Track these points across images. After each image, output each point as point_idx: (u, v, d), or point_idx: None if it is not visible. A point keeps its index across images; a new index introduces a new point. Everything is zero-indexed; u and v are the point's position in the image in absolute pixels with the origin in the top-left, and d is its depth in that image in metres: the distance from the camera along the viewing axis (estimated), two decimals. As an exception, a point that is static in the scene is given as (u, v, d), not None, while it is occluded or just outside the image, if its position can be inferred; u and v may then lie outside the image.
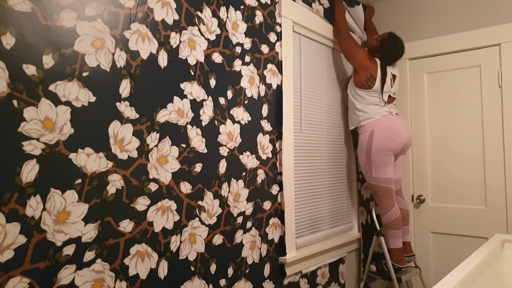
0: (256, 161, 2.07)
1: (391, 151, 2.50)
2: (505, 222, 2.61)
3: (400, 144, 2.51)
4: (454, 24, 2.82)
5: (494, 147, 2.66)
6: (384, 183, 2.53)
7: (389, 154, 2.50)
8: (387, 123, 2.50)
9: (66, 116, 1.32)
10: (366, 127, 2.56)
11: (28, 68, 1.23)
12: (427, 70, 2.95)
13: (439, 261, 2.87)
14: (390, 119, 2.52)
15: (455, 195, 2.82)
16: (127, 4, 1.51)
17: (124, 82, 1.49)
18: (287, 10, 2.29)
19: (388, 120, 2.52)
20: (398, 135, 2.49)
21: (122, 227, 1.46)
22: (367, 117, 2.56)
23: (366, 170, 2.57)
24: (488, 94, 2.69)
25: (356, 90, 2.59)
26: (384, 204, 2.58)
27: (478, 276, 1.45)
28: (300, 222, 2.39)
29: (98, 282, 1.38)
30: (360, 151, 2.59)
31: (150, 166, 1.56)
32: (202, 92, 1.80)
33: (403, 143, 2.52)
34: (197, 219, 1.75)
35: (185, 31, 1.73)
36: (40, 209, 1.24)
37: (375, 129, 2.51)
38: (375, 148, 2.50)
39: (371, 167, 2.54)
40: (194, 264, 1.72)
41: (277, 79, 2.24)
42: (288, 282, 2.26)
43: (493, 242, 1.79)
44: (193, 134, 1.74)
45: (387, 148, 2.49)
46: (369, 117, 2.55)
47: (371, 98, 2.55)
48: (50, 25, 1.29)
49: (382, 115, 2.53)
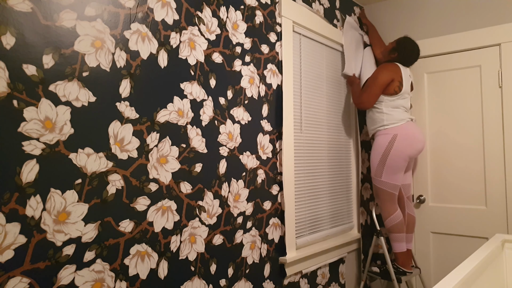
0: (256, 161, 2.07)
1: (409, 157, 2.54)
2: (505, 222, 2.61)
3: (418, 151, 2.57)
4: (454, 24, 2.82)
5: (494, 147, 2.66)
6: (390, 188, 2.55)
7: (406, 160, 2.53)
8: (410, 129, 2.54)
9: (66, 116, 1.32)
10: (389, 130, 2.56)
11: (28, 68, 1.23)
12: (427, 70, 2.94)
13: (439, 261, 2.87)
14: (411, 125, 2.57)
15: (455, 195, 2.81)
16: (127, 4, 1.51)
17: (124, 82, 1.49)
18: (287, 10, 2.29)
19: (410, 126, 2.56)
20: (419, 141, 2.54)
21: (122, 227, 1.46)
22: (392, 120, 2.56)
23: (376, 172, 2.58)
24: (488, 94, 2.69)
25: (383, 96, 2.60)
26: (386, 208, 2.58)
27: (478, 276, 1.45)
28: (300, 222, 2.39)
29: (98, 282, 1.38)
30: (375, 153, 2.59)
31: (150, 166, 1.56)
32: (202, 92, 1.79)
33: (421, 149, 2.58)
34: (197, 219, 1.75)
35: (185, 31, 1.73)
36: (40, 209, 1.24)
37: (399, 133, 2.52)
38: (395, 151, 2.51)
39: (382, 170, 2.55)
40: (194, 264, 1.72)
41: (277, 79, 2.24)
42: (288, 282, 2.26)
43: (493, 242, 1.79)
44: (193, 134, 1.74)
45: (406, 154, 2.52)
46: (394, 120, 2.56)
47: (397, 101, 2.58)
48: (50, 25, 1.29)
49: (406, 121, 2.56)
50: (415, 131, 2.55)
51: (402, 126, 2.54)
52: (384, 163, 2.54)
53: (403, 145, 2.51)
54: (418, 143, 2.54)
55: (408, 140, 2.51)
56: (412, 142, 2.52)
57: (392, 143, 2.52)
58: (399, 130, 2.53)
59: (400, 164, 2.52)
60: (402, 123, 2.55)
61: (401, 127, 2.54)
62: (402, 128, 2.54)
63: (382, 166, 2.55)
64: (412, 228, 2.72)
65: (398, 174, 2.54)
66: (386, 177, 2.55)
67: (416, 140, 2.53)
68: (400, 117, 2.56)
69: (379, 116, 2.61)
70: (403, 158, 2.52)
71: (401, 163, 2.52)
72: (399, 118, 2.56)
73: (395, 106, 2.58)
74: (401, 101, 2.58)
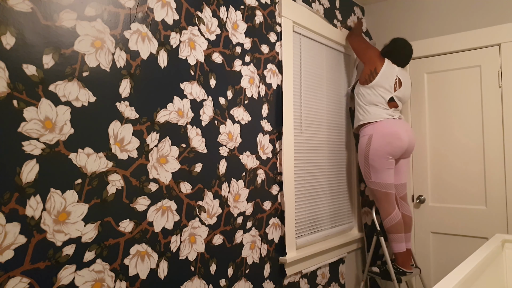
0: (256, 161, 2.07)
1: (390, 154, 2.48)
2: (505, 222, 2.61)
3: (400, 148, 2.48)
4: (454, 24, 2.82)
5: (494, 147, 2.66)
6: (383, 188, 2.53)
7: (387, 158, 2.48)
8: (387, 127, 2.49)
9: (66, 116, 1.32)
10: (366, 130, 2.55)
11: (28, 68, 1.23)
12: (427, 70, 2.94)
13: (439, 261, 2.87)
14: (390, 123, 2.50)
15: (455, 195, 2.81)
16: (127, 4, 1.51)
17: (124, 82, 1.49)
18: (287, 10, 2.29)
19: (387, 123, 2.50)
20: (398, 138, 2.46)
21: (122, 227, 1.46)
22: (367, 118, 2.55)
23: (365, 174, 2.58)
24: (488, 94, 2.69)
25: (360, 88, 2.60)
26: (384, 208, 2.57)
27: (478, 276, 1.45)
28: (300, 222, 2.39)
29: (98, 282, 1.38)
30: (359, 155, 2.59)
31: (150, 166, 1.56)
32: (202, 92, 1.79)
33: (404, 147, 2.49)
34: (197, 219, 1.75)
35: (185, 31, 1.73)
36: (40, 209, 1.24)
37: (374, 133, 2.50)
38: (373, 151, 2.49)
39: (369, 171, 2.54)
40: (194, 264, 1.72)
41: (277, 79, 2.24)
42: (288, 282, 2.26)
43: (493, 242, 1.79)
44: (193, 134, 1.74)
45: (385, 152, 2.47)
46: (369, 118, 2.54)
47: (372, 96, 2.54)
48: (50, 25, 1.29)
49: (383, 118, 2.52)
50: (395, 129, 2.48)
51: (378, 124, 2.51)
52: (369, 164, 2.52)
53: (379, 144, 2.47)
54: (396, 140, 2.46)
55: (385, 139, 2.46)
56: (390, 141, 2.46)
57: (369, 144, 2.50)
58: (375, 129, 2.50)
59: (382, 162, 2.48)
60: (379, 120, 2.52)
61: (377, 125, 2.51)
62: (378, 127, 2.50)
63: (368, 167, 2.54)
64: (409, 228, 2.71)
65: (386, 173, 2.50)
66: (375, 177, 2.53)
67: (395, 138, 2.46)
68: (377, 114, 2.53)
69: (359, 113, 2.61)
70: (383, 156, 2.47)
71: (383, 161, 2.48)
72: (374, 114, 2.53)
73: (370, 102, 2.54)
74: (376, 98, 2.53)
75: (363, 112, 2.57)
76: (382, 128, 2.49)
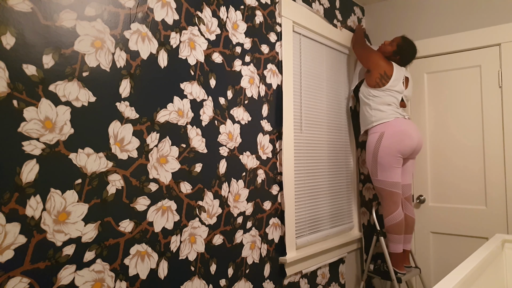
0: (256, 161, 2.07)
1: (400, 153, 2.50)
2: (505, 222, 2.61)
3: (410, 147, 2.51)
4: (454, 24, 2.82)
5: (494, 147, 2.66)
6: (389, 186, 2.53)
7: (397, 156, 2.50)
8: (398, 125, 2.51)
9: (66, 116, 1.32)
10: (377, 128, 2.56)
11: (28, 68, 1.23)
12: (427, 70, 2.94)
13: (439, 261, 2.87)
14: (401, 122, 2.53)
15: (455, 195, 2.81)
16: (127, 4, 1.51)
17: (124, 82, 1.49)
18: (287, 10, 2.29)
19: (399, 122, 2.53)
20: (409, 137, 2.49)
21: (122, 227, 1.46)
22: (379, 118, 2.56)
23: (372, 171, 2.58)
24: (488, 94, 2.69)
25: (370, 90, 2.60)
26: (387, 206, 2.57)
27: (478, 276, 1.45)
28: (300, 222, 2.39)
29: (98, 282, 1.38)
30: (367, 152, 2.59)
31: (150, 166, 1.56)
32: (202, 92, 1.79)
33: (413, 146, 2.52)
34: (197, 219, 1.75)
35: (185, 31, 1.73)
36: (40, 209, 1.24)
37: (386, 130, 2.51)
38: (382, 149, 2.50)
39: (377, 169, 2.54)
40: (194, 264, 1.72)
41: (277, 79, 2.24)
42: (288, 282, 2.26)
43: (493, 242, 1.79)
44: (193, 134, 1.74)
45: (395, 150, 2.49)
46: (381, 117, 2.55)
47: (385, 97, 2.56)
48: (50, 25, 1.29)
49: (394, 117, 2.54)
50: (406, 128, 2.51)
51: (390, 123, 2.52)
52: (376, 162, 2.53)
53: (391, 142, 2.49)
54: (407, 139, 2.49)
55: (396, 137, 2.48)
56: (402, 139, 2.48)
57: (380, 141, 2.51)
58: (387, 127, 2.52)
59: (391, 161, 2.50)
60: (391, 119, 2.53)
61: (389, 124, 2.52)
62: (390, 125, 2.52)
63: (376, 165, 2.54)
64: (411, 230, 2.71)
65: (393, 171, 2.51)
66: (381, 175, 2.53)
67: (406, 136, 2.49)
68: (388, 114, 2.55)
69: (368, 113, 2.62)
70: (393, 155, 2.49)
71: (392, 160, 2.49)
72: (387, 115, 2.55)
73: (383, 102, 2.56)
74: (389, 98, 2.56)
75: (377, 112, 2.58)
76: (393, 126, 2.51)
